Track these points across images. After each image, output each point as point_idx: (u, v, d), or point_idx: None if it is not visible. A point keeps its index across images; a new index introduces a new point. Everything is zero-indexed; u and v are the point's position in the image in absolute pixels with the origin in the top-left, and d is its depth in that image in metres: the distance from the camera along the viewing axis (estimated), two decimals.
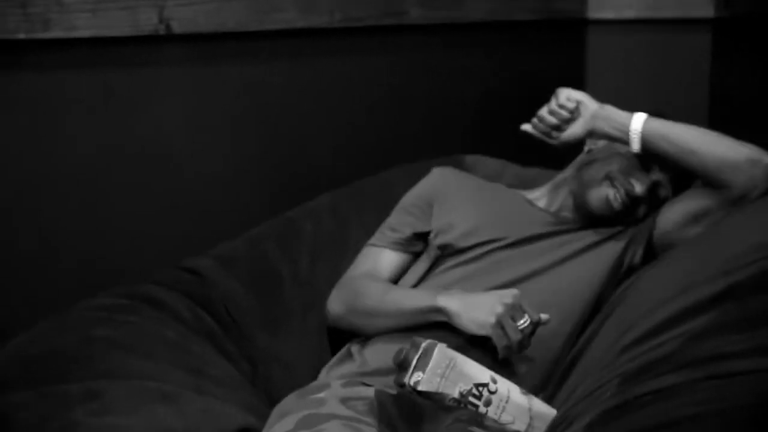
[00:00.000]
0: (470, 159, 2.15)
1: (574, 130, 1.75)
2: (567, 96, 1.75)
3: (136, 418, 1.36)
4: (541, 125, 1.77)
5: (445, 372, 1.43)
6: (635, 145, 1.69)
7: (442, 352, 1.44)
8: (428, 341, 1.45)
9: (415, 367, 1.43)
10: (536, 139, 1.79)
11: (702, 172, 1.67)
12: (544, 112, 1.77)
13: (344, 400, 1.53)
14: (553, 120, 1.75)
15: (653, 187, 1.77)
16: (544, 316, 1.59)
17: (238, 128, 2.19)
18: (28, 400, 1.37)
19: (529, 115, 1.78)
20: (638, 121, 1.69)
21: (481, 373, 1.47)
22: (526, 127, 1.80)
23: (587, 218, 1.81)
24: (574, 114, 1.74)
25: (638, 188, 1.75)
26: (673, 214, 1.75)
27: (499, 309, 1.57)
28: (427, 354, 1.43)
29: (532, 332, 1.59)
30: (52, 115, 1.94)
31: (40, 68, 1.89)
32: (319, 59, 2.29)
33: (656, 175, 1.77)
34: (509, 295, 1.59)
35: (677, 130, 1.69)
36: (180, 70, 2.07)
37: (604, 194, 1.76)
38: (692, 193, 1.74)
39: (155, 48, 2.01)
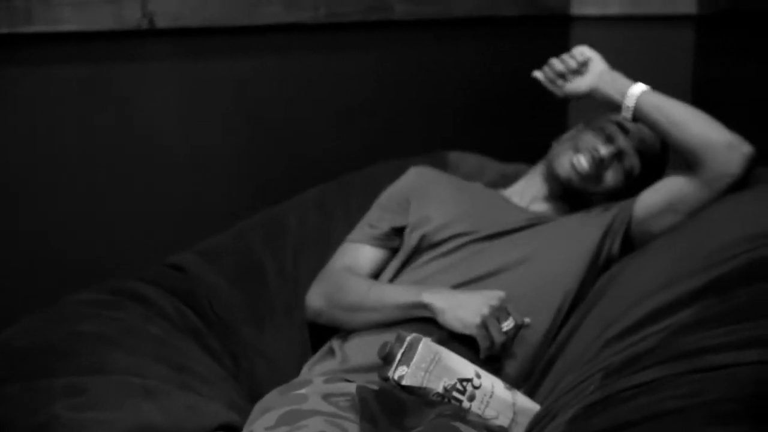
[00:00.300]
0: (453, 156, 2.17)
1: (578, 84, 1.82)
2: (581, 50, 1.83)
3: (118, 414, 1.35)
4: (549, 71, 1.84)
5: (430, 366, 1.43)
6: (628, 111, 1.76)
7: (426, 346, 1.44)
8: (413, 335, 1.45)
9: (399, 361, 1.43)
10: (544, 88, 1.85)
11: (683, 147, 1.73)
12: (554, 59, 1.84)
13: (326, 396, 1.53)
14: (560, 67, 1.82)
15: (618, 155, 1.83)
16: (527, 320, 1.62)
17: (224, 124, 2.18)
18: (11, 393, 1.36)
19: (513, 110, 1.80)
20: (638, 88, 1.76)
21: (465, 368, 1.46)
22: (537, 74, 1.87)
23: (559, 190, 1.87)
24: (583, 68, 1.81)
25: (603, 150, 1.82)
26: (649, 201, 1.79)
27: (485, 310, 1.58)
28: (412, 348, 1.43)
29: (515, 334, 1.62)
30: (34, 110, 1.92)
31: (22, 62, 1.88)
32: (305, 55, 2.28)
33: (621, 143, 1.83)
34: (495, 297, 1.61)
35: (671, 104, 1.76)
36: (165, 65, 2.06)
37: (570, 159, 1.84)
38: (667, 180, 1.80)
39: (140, 43, 2.00)
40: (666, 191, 1.78)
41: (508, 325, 1.60)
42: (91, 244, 2.03)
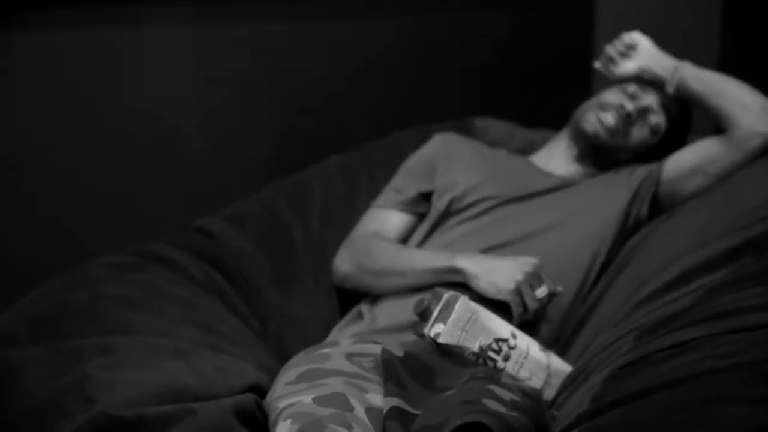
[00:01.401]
0: (480, 122, 2.14)
1: (627, 66, 1.92)
2: (629, 35, 1.93)
3: (149, 373, 1.33)
4: (602, 57, 1.97)
5: (467, 325, 1.42)
6: (672, 85, 1.86)
7: (464, 304, 1.43)
8: (450, 293, 1.43)
9: (436, 318, 1.42)
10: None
11: (720, 112, 1.80)
12: (606, 45, 1.97)
13: (349, 356, 1.50)
14: (610, 51, 1.94)
15: (644, 111, 1.87)
16: (560, 288, 1.62)
17: (244, 91, 2.17)
18: (40, 354, 1.35)
19: (539, 78, 1.79)
20: (681, 63, 1.87)
21: (501, 327, 1.45)
22: (597, 64, 1.99)
23: (586, 150, 1.88)
24: (630, 51, 1.92)
25: (629, 105, 1.86)
26: (679, 162, 1.82)
27: (519, 276, 1.58)
28: (449, 306, 1.42)
29: (548, 301, 1.61)
30: (46, 76, 1.92)
31: (35, 27, 1.86)
32: (327, 20, 2.27)
33: (646, 100, 1.87)
34: (530, 263, 1.60)
35: (710, 74, 1.86)
36: (185, 30, 2.05)
37: (596, 115, 1.87)
38: (698, 143, 1.84)
39: (158, 7, 1.99)
40: (696, 153, 1.81)
41: (542, 292, 1.58)
42: (112, 211, 2.03)
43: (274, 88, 2.21)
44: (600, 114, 1.86)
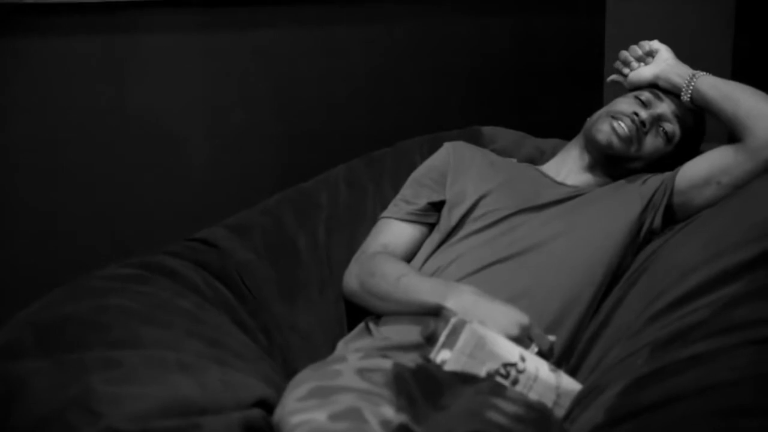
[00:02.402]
0: (488, 130, 2.12)
1: (643, 72, 1.92)
2: (649, 42, 1.94)
3: (154, 388, 1.31)
4: (618, 62, 1.97)
5: (474, 351, 1.39)
6: (687, 93, 1.84)
7: (471, 331, 1.40)
8: (458, 318, 1.41)
9: (443, 344, 1.39)
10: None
11: (735, 120, 1.76)
12: (624, 51, 1.96)
13: (360, 372, 1.48)
14: (627, 55, 1.94)
15: (657, 119, 1.85)
16: (551, 338, 1.58)
17: (248, 98, 2.16)
18: (45, 367, 1.32)
19: (549, 86, 1.77)
20: (700, 72, 1.85)
21: (509, 352, 1.43)
22: (611, 78, 1.99)
23: (598, 159, 1.86)
24: (648, 58, 1.92)
25: (643, 113, 1.84)
26: (692, 171, 1.80)
27: (514, 331, 1.53)
28: (456, 332, 1.40)
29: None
30: (52, 81, 1.90)
31: (40, 32, 1.85)
32: (333, 26, 2.26)
33: (659, 108, 1.85)
34: (519, 323, 1.55)
35: (726, 83, 1.83)
36: (189, 37, 2.04)
37: (609, 123, 1.84)
38: (711, 152, 1.81)
39: (163, 13, 1.98)
40: (710, 162, 1.78)
41: (532, 350, 1.53)
42: (113, 221, 2.01)
43: (277, 95, 2.19)
44: (613, 123, 1.83)
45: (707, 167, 1.77)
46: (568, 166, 1.90)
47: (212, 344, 1.49)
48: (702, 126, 1.90)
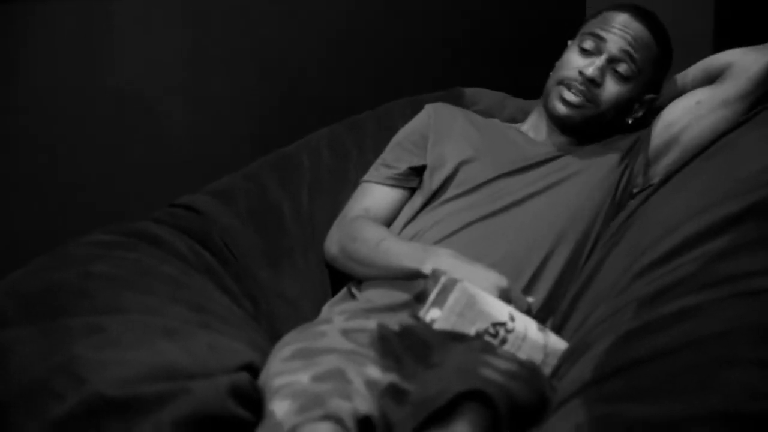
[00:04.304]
0: (470, 92, 2.11)
1: None
2: None
3: (140, 353, 1.30)
4: None
5: (463, 310, 1.39)
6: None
7: (461, 290, 1.40)
8: (448, 277, 1.40)
9: (432, 302, 1.39)
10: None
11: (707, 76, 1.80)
12: None
13: (345, 332, 1.48)
14: None
15: (608, 65, 1.77)
16: (530, 299, 1.58)
17: (228, 63, 2.13)
18: (28, 334, 1.31)
19: (530, 46, 1.75)
20: None
21: (499, 311, 1.42)
22: None
23: (564, 128, 1.82)
24: None
25: (589, 70, 1.76)
26: (667, 114, 1.80)
27: (493, 294, 1.52)
28: (446, 291, 1.39)
29: None
30: (34, 47, 1.87)
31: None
32: None
33: (604, 51, 1.77)
34: (499, 285, 1.54)
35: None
36: (170, 2, 2.01)
37: (559, 95, 1.79)
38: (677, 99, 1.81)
39: None
40: (685, 100, 1.79)
41: None
42: (97, 189, 1.99)
43: (257, 60, 2.17)
44: (563, 92, 1.78)
45: (683, 104, 1.78)
46: (544, 128, 1.88)
47: (197, 310, 1.48)
48: (661, 44, 1.82)
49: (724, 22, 1.82)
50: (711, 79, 1.78)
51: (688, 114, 1.76)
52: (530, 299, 1.58)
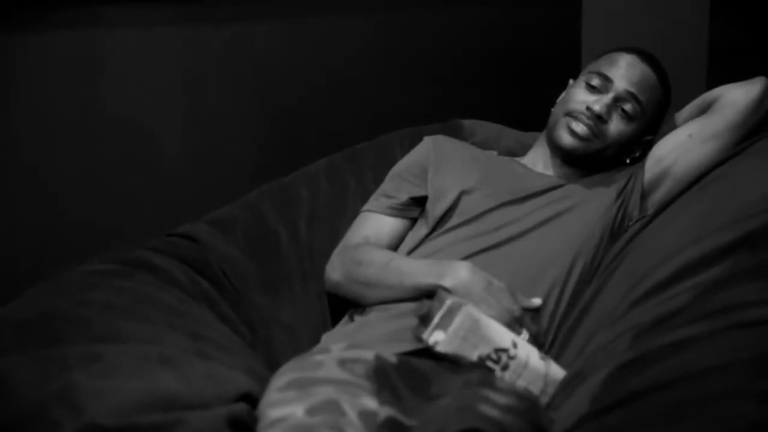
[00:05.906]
0: (469, 123, 2.13)
1: None
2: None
3: (137, 382, 1.30)
4: None
5: (467, 334, 1.39)
6: None
7: (466, 314, 1.40)
8: (454, 300, 1.41)
9: (437, 325, 1.39)
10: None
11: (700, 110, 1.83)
12: None
13: (341, 362, 1.47)
14: None
15: (614, 103, 1.81)
16: (536, 301, 1.61)
17: (229, 93, 2.15)
18: (25, 362, 1.31)
19: (528, 79, 1.76)
20: None
21: (502, 337, 1.43)
22: None
23: (567, 159, 1.84)
24: None
25: (597, 106, 1.80)
26: (659, 146, 1.82)
27: (505, 317, 1.55)
28: (451, 314, 1.39)
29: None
30: (33, 77, 1.88)
31: (19, 28, 1.83)
32: (316, 18, 2.25)
33: (611, 90, 1.81)
34: (515, 308, 1.58)
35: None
36: (167, 31, 2.02)
37: (567, 127, 1.81)
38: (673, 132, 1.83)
39: (142, 8, 1.96)
40: (675, 135, 1.81)
41: (523, 337, 1.55)
42: (91, 216, 2.00)
43: (257, 90, 2.18)
44: (571, 124, 1.81)
45: (674, 138, 1.81)
46: (543, 160, 1.90)
47: (195, 338, 1.49)
48: (663, 87, 1.87)
49: (718, 62, 1.84)
50: (703, 114, 1.81)
51: (679, 147, 1.79)
52: (537, 300, 1.61)
